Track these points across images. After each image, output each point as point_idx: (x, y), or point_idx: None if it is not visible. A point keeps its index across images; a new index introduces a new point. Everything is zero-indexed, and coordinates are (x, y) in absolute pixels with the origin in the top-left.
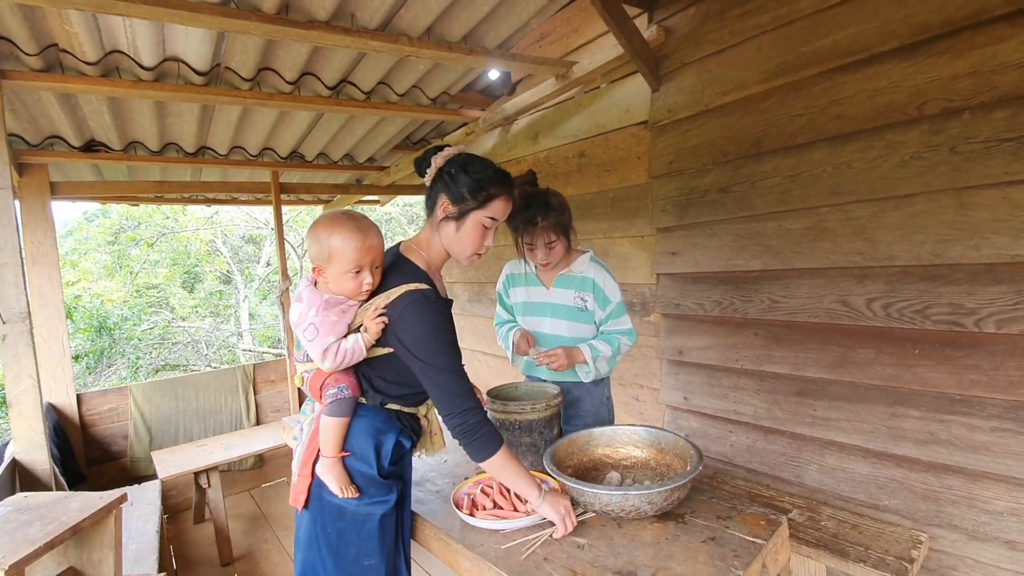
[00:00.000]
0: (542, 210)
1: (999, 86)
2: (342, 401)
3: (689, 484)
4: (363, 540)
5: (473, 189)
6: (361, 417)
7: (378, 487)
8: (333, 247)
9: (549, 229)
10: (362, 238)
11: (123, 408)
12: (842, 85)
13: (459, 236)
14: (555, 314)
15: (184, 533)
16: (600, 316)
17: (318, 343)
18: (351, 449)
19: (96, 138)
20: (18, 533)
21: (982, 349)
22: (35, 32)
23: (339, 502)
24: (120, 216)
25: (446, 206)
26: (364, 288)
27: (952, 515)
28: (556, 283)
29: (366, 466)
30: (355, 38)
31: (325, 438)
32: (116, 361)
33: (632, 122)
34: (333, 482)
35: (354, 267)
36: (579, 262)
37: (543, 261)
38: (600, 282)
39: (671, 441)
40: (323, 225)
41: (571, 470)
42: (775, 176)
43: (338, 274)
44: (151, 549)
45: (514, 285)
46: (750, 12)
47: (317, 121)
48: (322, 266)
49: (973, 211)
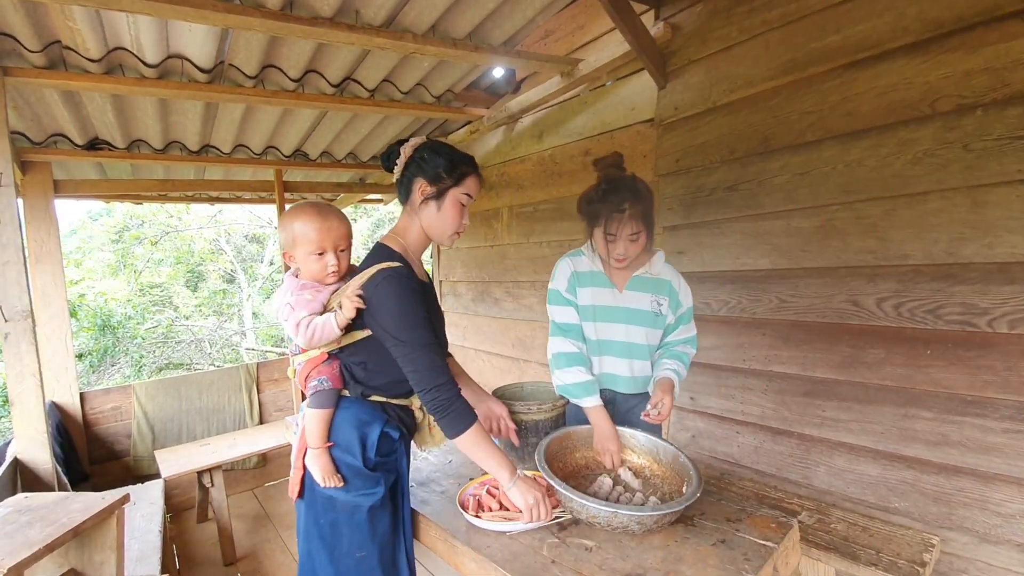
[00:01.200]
0: (631, 196)
1: (1013, 83)
2: (323, 393)
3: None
4: (353, 532)
5: (448, 168)
6: (345, 409)
7: (364, 479)
8: (296, 231)
9: (637, 218)
10: (321, 220)
11: (126, 407)
12: (853, 82)
13: (441, 215)
14: (630, 320)
15: (187, 532)
16: (670, 320)
17: (292, 319)
18: (336, 440)
19: (100, 136)
20: (18, 535)
21: (995, 349)
22: (38, 28)
23: (329, 493)
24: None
25: (424, 188)
26: (330, 270)
27: (964, 517)
28: (630, 285)
29: (351, 457)
30: (359, 35)
31: (309, 429)
32: (120, 360)
33: (638, 120)
34: (317, 472)
35: (317, 249)
36: (655, 262)
37: (621, 256)
38: (676, 285)
39: (671, 454)
40: (288, 213)
41: (566, 467)
42: (784, 174)
43: (303, 256)
44: (154, 549)
45: (581, 284)
46: (758, 8)
47: (321, 119)
48: (290, 251)
49: (987, 209)
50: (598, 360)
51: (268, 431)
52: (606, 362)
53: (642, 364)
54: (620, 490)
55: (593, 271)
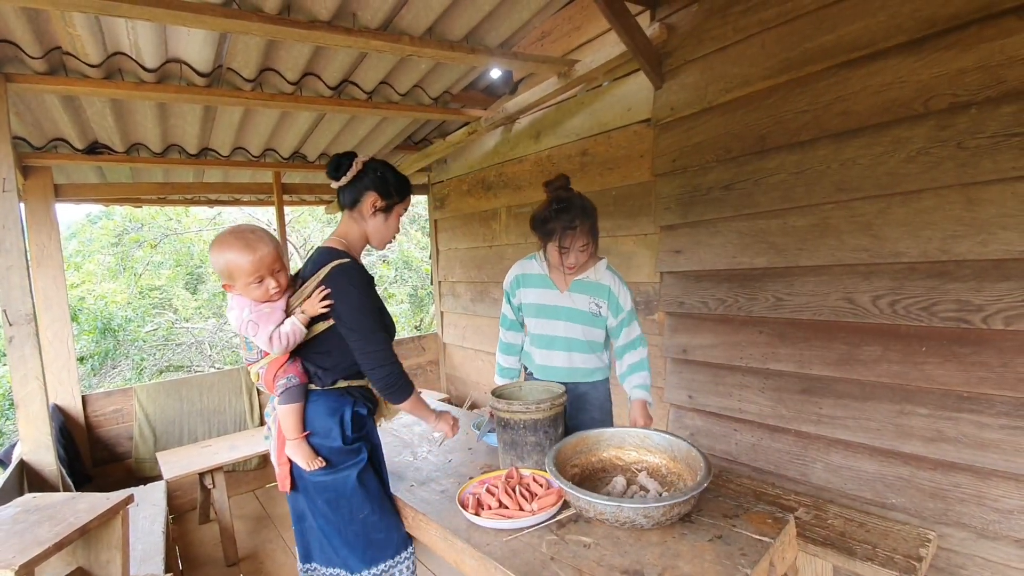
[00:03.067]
0: (580, 214)
1: (1007, 80)
2: (291, 389)
3: (693, 501)
4: (351, 499)
5: (398, 187)
6: (315, 401)
7: (347, 454)
8: (229, 265)
9: (586, 233)
10: (250, 253)
11: (128, 409)
12: (847, 81)
13: (386, 225)
14: (570, 318)
15: (189, 533)
16: (612, 323)
17: (262, 334)
18: (313, 429)
19: (99, 140)
20: (27, 534)
21: (990, 346)
22: (39, 35)
23: (319, 476)
24: (123, 218)
25: (376, 201)
26: (272, 292)
27: (961, 513)
28: (572, 288)
29: (331, 440)
30: (357, 38)
31: (285, 423)
32: (121, 362)
33: (635, 120)
34: (300, 459)
35: (254, 278)
36: (596, 269)
37: (572, 264)
38: (615, 290)
39: (683, 450)
40: (216, 246)
41: (577, 470)
42: (779, 173)
43: (243, 286)
44: (157, 549)
45: (525, 285)
46: (753, 8)
47: (319, 121)
48: (228, 284)
49: (981, 207)
50: (542, 352)
51: None
52: (549, 355)
53: (581, 357)
54: (635, 489)
55: (541, 274)
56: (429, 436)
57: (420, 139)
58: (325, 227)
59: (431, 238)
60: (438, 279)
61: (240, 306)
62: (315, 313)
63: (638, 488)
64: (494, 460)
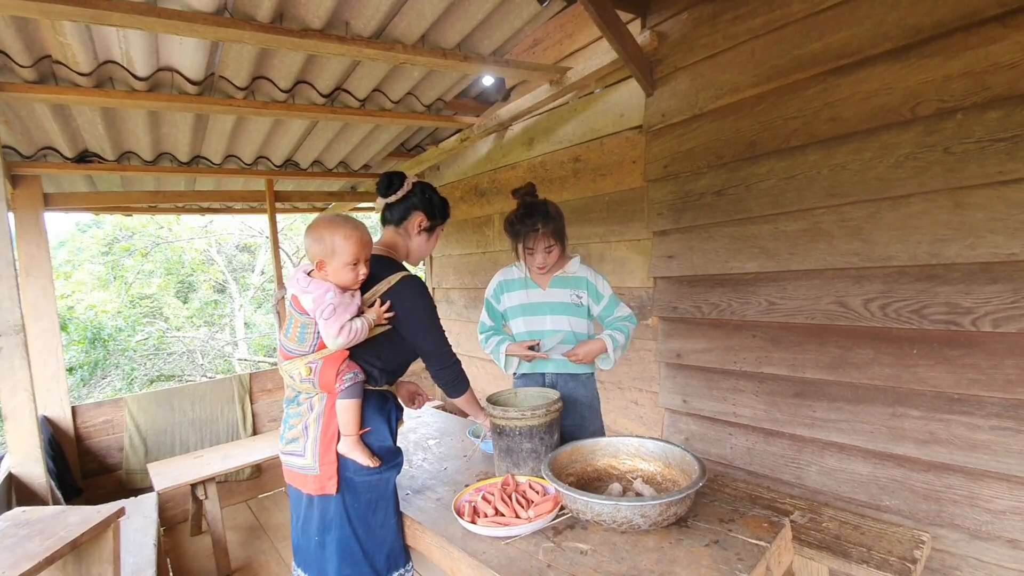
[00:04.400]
0: (542, 218)
1: (992, 86)
2: (357, 385)
3: (689, 499)
4: (387, 504)
5: (443, 211)
6: (368, 399)
7: (393, 454)
8: (336, 244)
9: (549, 235)
10: (360, 235)
11: (118, 420)
12: (835, 88)
13: (428, 244)
14: (555, 311)
15: (181, 545)
16: (597, 310)
17: (335, 321)
18: (368, 426)
19: (90, 149)
20: (17, 548)
21: (980, 348)
22: (28, 43)
23: (367, 476)
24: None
25: (422, 221)
26: (360, 277)
27: (954, 514)
28: (552, 284)
29: (382, 438)
30: (349, 46)
31: (346, 419)
32: (111, 373)
33: (627, 127)
34: (360, 456)
35: (353, 260)
36: (571, 264)
37: (540, 265)
38: (591, 279)
39: (678, 456)
40: (324, 226)
41: (573, 479)
42: (770, 178)
43: (339, 267)
44: (149, 563)
45: (508, 290)
46: (742, 16)
47: (312, 129)
48: (325, 260)
49: (968, 211)
50: None
51: (262, 442)
52: None
53: (568, 348)
54: (631, 495)
55: (521, 278)
56: (424, 444)
57: (413, 146)
58: None
59: None
60: (432, 286)
61: (325, 288)
62: (380, 322)
63: (634, 494)
64: (490, 467)
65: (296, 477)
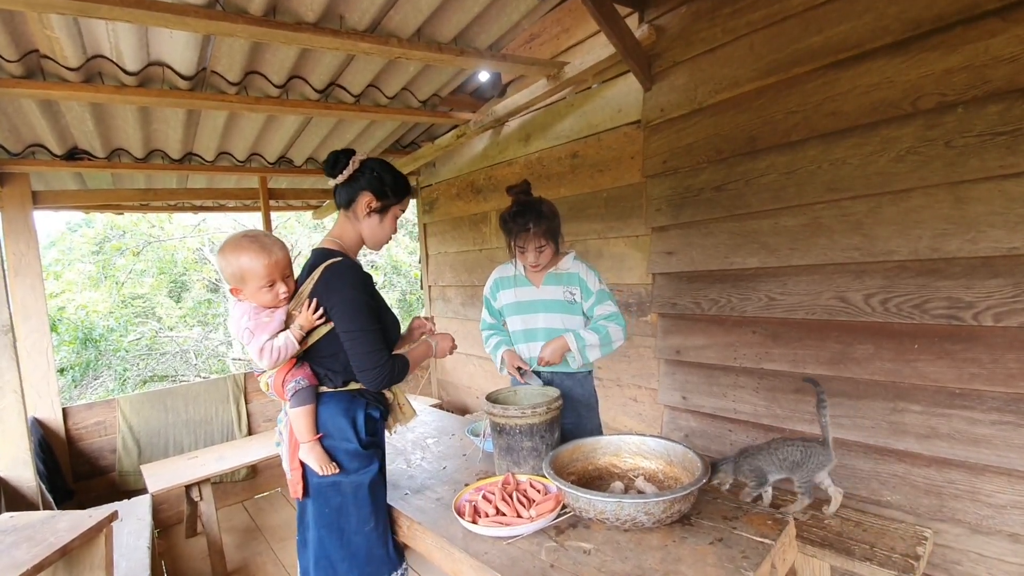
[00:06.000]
0: (534, 217)
1: (992, 80)
2: (302, 392)
3: (693, 496)
4: (359, 509)
5: (394, 188)
6: (327, 403)
7: (361, 458)
8: (243, 268)
9: (540, 235)
10: (267, 256)
11: (111, 421)
12: (836, 81)
13: (381, 227)
14: (548, 309)
15: (176, 548)
16: (587, 306)
17: (254, 344)
18: (326, 431)
19: (79, 146)
20: (4, 556)
21: (981, 342)
22: (15, 37)
23: (332, 479)
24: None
25: (371, 202)
26: (281, 297)
27: (955, 509)
28: (545, 281)
29: (346, 442)
30: (344, 40)
31: (297, 427)
32: (103, 373)
33: (625, 122)
34: (314, 462)
35: (267, 282)
36: (564, 261)
37: (532, 263)
38: (583, 275)
39: (680, 453)
40: (230, 249)
41: (574, 477)
42: (770, 173)
43: (254, 290)
44: (143, 567)
45: (502, 288)
46: (742, 10)
47: (306, 125)
48: (238, 286)
49: (969, 205)
50: (527, 346)
51: (257, 442)
52: (533, 347)
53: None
54: (633, 494)
55: (516, 275)
56: (423, 443)
57: (408, 143)
58: (312, 232)
59: (420, 242)
60: (428, 284)
61: (241, 313)
62: (311, 326)
63: (636, 492)
64: (490, 466)
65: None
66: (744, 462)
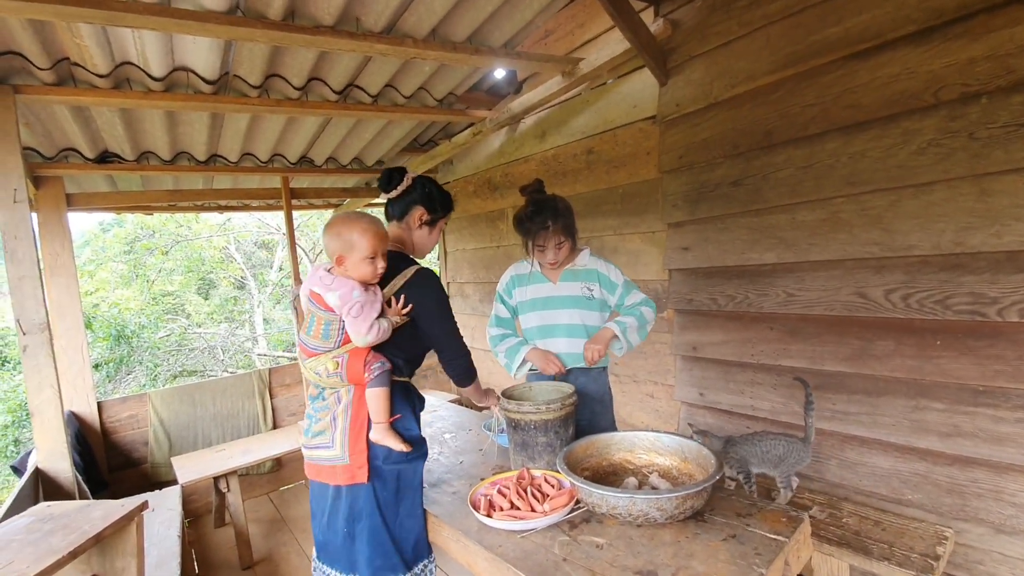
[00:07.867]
0: (552, 215)
1: (1017, 69)
2: (385, 373)
3: (706, 492)
4: (413, 494)
5: (444, 204)
6: (394, 389)
7: (419, 443)
8: (354, 239)
9: (559, 232)
10: (376, 230)
11: (143, 415)
12: (855, 73)
13: (430, 237)
14: (565, 305)
15: (205, 537)
16: (613, 300)
17: (363, 320)
18: (398, 413)
19: (109, 149)
20: (42, 543)
21: (1005, 339)
22: (46, 46)
23: (392, 465)
24: (135, 226)
25: (423, 215)
26: (379, 270)
27: (977, 509)
28: (563, 278)
29: (410, 427)
30: (361, 42)
31: (376, 407)
32: (135, 369)
33: (640, 117)
34: (392, 442)
35: (371, 253)
36: (581, 258)
37: (552, 261)
38: (603, 271)
39: (694, 450)
40: (342, 222)
41: (588, 473)
42: (788, 167)
43: (357, 261)
44: (173, 554)
45: (519, 285)
46: (758, 2)
47: (325, 126)
48: (344, 255)
49: (993, 198)
50: (544, 343)
51: (281, 436)
52: (550, 343)
53: (581, 342)
54: (647, 490)
55: (532, 272)
56: (440, 438)
57: (426, 141)
58: None
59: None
60: (446, 280)
61: (350, 287)
62: (401, 322)
63: (650, 488)
64: (505, 461)
65: (322, 471)
66: (731, 450)
